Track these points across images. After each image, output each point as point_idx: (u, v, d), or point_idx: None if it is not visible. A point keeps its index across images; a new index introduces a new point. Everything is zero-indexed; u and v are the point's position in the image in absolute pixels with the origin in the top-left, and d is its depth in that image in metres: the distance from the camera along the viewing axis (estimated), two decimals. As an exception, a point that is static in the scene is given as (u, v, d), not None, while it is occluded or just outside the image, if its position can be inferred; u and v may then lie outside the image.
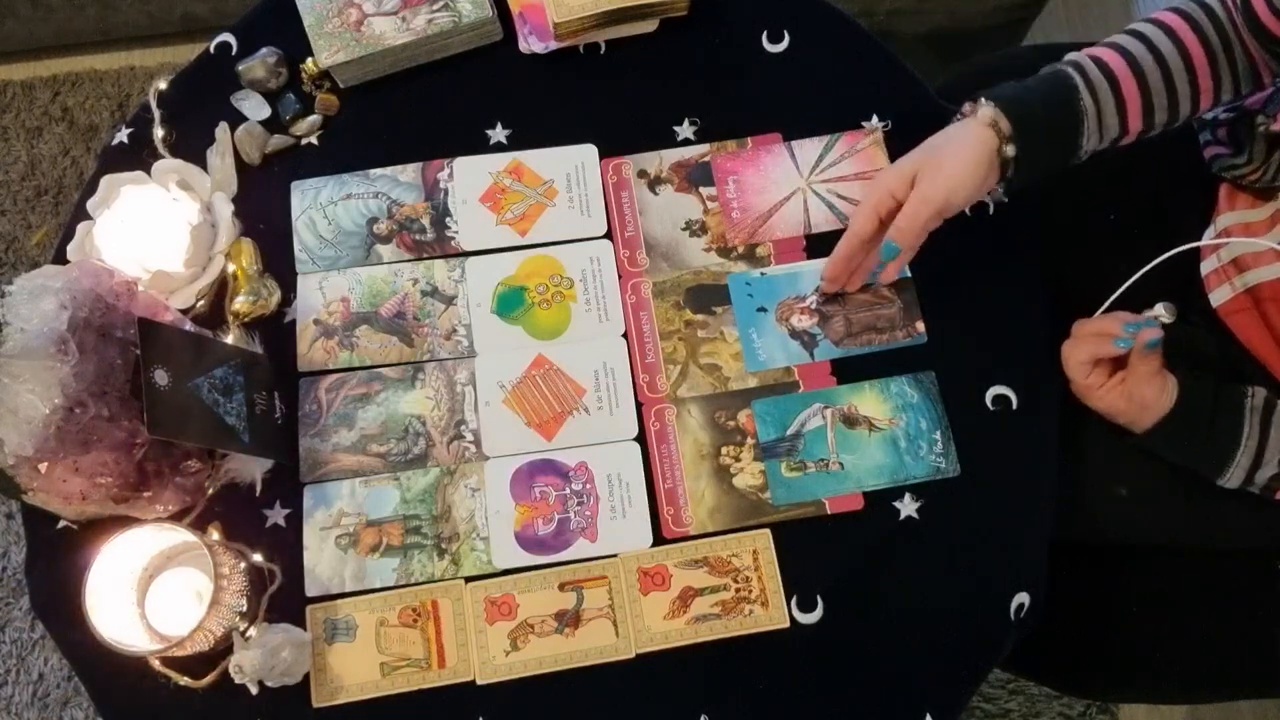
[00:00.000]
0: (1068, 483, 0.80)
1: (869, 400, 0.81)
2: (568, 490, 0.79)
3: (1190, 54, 0.77)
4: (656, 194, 0.88)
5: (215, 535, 0.77)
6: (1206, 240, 0.84)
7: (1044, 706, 1.34)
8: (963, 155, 0.75)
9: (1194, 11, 0.78)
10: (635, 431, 0.81)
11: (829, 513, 0.78)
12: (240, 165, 0.89)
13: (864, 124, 0.90)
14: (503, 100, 0.91)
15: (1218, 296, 0.84)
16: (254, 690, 0.73)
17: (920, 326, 0.83)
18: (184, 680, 0.73)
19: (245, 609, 0.73)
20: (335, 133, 0.91)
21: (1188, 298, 0.85)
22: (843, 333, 0.83)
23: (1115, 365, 0.78)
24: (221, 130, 0.89)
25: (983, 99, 0.76)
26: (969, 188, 0.75)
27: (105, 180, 0.86)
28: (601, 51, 0.93)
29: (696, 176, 0.88)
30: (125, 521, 0.74)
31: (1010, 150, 0.75)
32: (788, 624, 0.76)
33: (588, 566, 0.77)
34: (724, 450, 0.80)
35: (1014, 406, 0.81)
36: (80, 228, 0.85)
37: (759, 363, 0.82)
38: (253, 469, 0.78)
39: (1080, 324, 0.80)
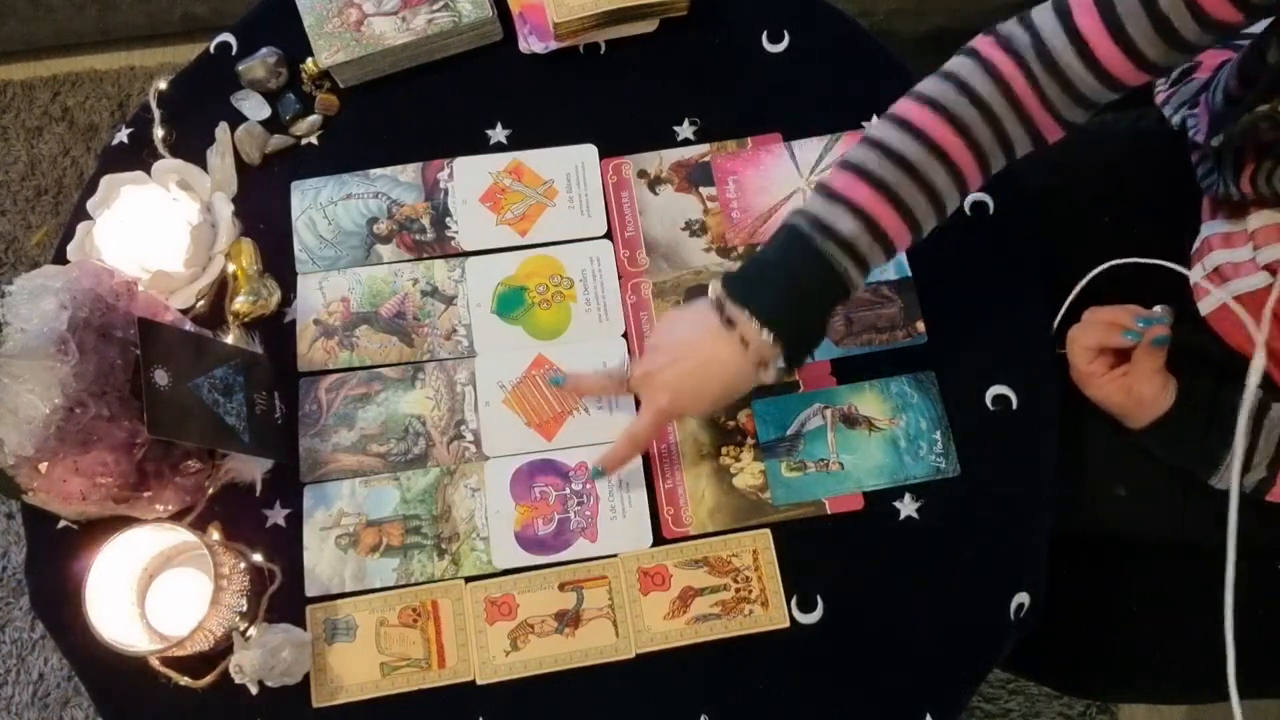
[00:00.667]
0: (1068, 482, 0.80)
1: (869, 400, 0.81)
2: (568, 490, 0.79)
3: (964, 174, 0.69)
4: (656, 194, 0.88)
5: (215, 535, 0.77)
6: (1194, 248, 0.84)
7: (1044, 706, 1.34)
8: (723, 394, 0.72)
9: (961, 111, 0.68)
10: (635, 431, 0.81)
11: (829, 513, 0.78)
12: (240, 165, 0.89)
13: (864, 124, 0.90)
14: (503, 100, 0.91)
15: (1205, 305, 0.84)
16: (254, 690, 0.73)
17: (920, 326, 0.83)
18: (184, 680, 0.73)
19: (245, 609, 0.73)
20: (335, 133, 0.91)
21: (1182, 303, 0.85)
22: (843, 332, 0.83)
23: (1118, 358, 0.78)
24: (221, 130, 0.89)
25: (753, 329, 0.68)
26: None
27: (105, 180, 0.86)
28: (601, 51, 0.93)
29: (696, 176, 0.88)
30: (125, 521, 0.74)
31: (768, 377, 0.71)
32: (788, 624, 0.76)
33: (588, 566, 0.77)
34: (724, 450, 0.80)
35: (1014, 406, 0.81)
36: (80, 228, 0.85)
37: (759, 363, 0.82)
38: (253, 469, 0.78)
39: (1092, 310, 0.79)
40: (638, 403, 0.81)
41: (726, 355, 0.70)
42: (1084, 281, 0.76)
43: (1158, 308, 0.75)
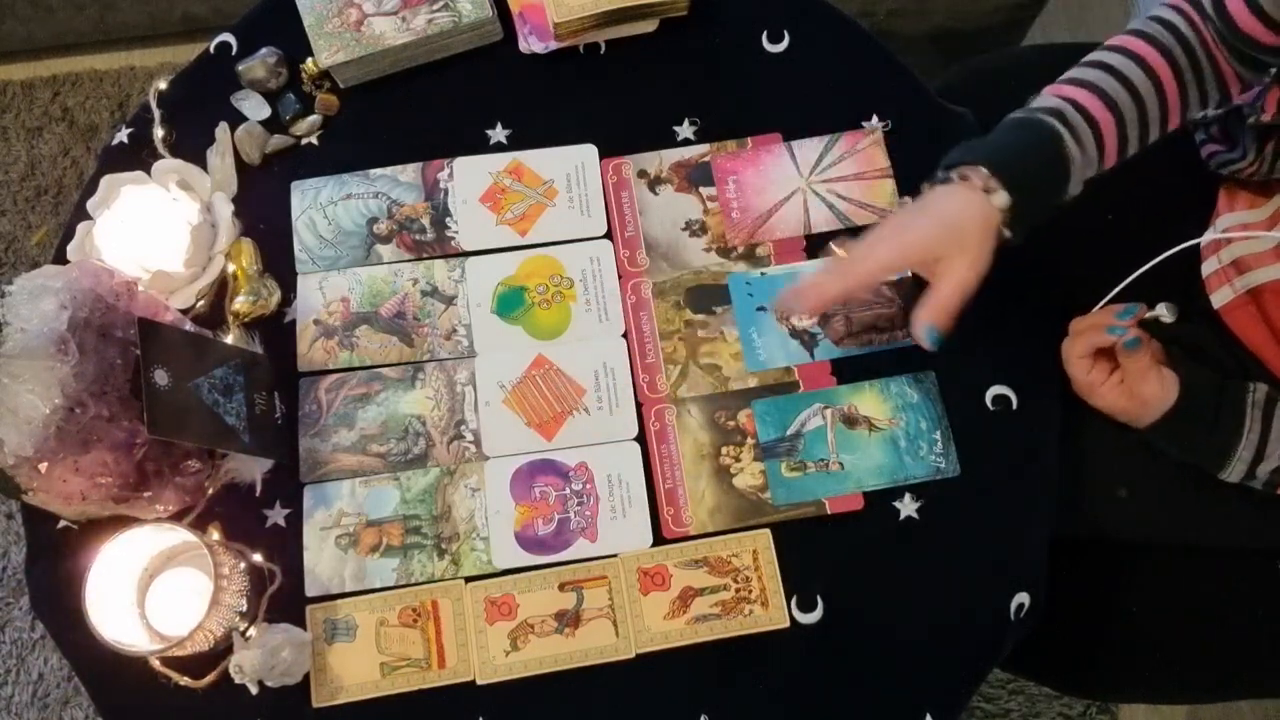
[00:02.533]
0: (1068, 483, 0.80)
1: (869, 400, 0.81)
2: (568, 490, 0.79)
3: (1161, 80, 0.76)
4: (656, 194, 0.88)
5: (215, 535, 0.77)
6: (1215, 236, 0.84)
7: (1044, 706, 1.34)
8: (979, 227, 0.72)
9: (1161, 35, 0.76)
10: (635, 431, 0.81)
11: (829, 513, 0.78)
12: (240, 165, 0.89)
13: (864, 124, 0.90)
14: (503, 100, 0.91)
15: (1219, 298, 0.84)
16: (254, 690, 0.73)
17: (920, 326, 0.83)
18: (184, 680, 0.73)
19: (245, 609, 0.73)
20: (335, 133, 0.91)
21: (1189, 298, 0.85)
22: (843, 332, 0.83)
23: (1116, 364, 0.78)
24: (221, 130, 0.89)
25: (977, 168, 0.72)
26: (985, 265, 0.74)
27: (105, 180, 0.86)
28: (601, 51, 0.93)
29: (696, 176, 0.88)
30: (125, 521, 0.74)
31: (999, 200, 0.72)
32: (788, 624, 0.76)
33: (588, 566, 0.77)
34: (724, 450, 0.80)
35: (1014, 406, 0.81)
36: (80, 228, 0.85)
37: (759, 362, 0.83)
38: (253, 469, 0.78)
39: (1076, 320, 0.80)
40: (638, 406, 0.81)
41: (954, 192, 0.72)
42: (1139, 272, 0.76)
43: (1161, 305, 0.75)
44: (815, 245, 0.86)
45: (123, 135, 0.91)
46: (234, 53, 0.93)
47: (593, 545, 0.78)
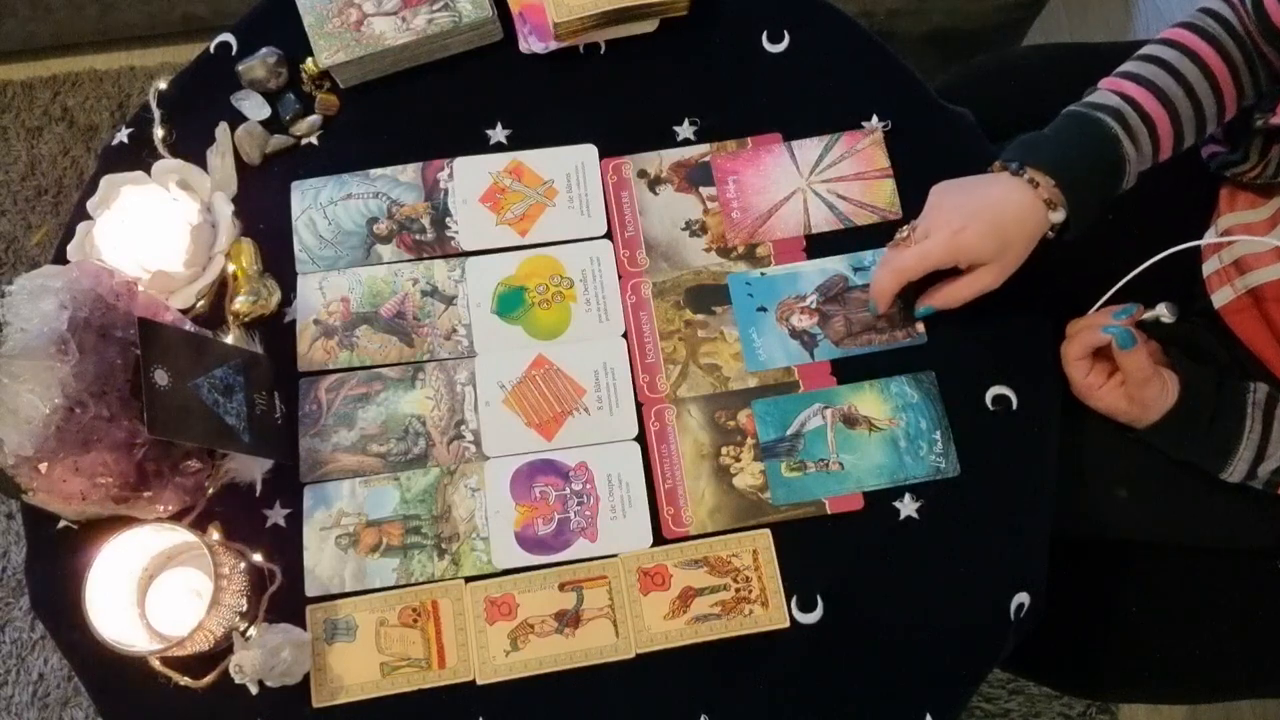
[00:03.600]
0: (1068, 483, 0.80)
1: (869, 400, 0.81)
2: (568, 490, 0.79)
3: (1216, 77, 0.77)
4: (656, 194, 0.88)
5: (215, 535, 0.77)
6: (1213, 239, 0.84)
7: (1044, 706, 1.34)
8: (1026, 240, 0.75)
9: (1211, 28, 0.78)
10: (635, 431, 0.81)
11: (829, 513, 0.78)
12: (240, 165, 0.89)
13: (864, 124, 0.90)
14: (503, 100, 0.91)
15: (1219, 298, 0.84)
16: (254, 690, 0.73)
17: (920, 326, 0.83)
18: (184, 680, 0.73)
19: (245, 609, 0.73)
20: (335, 133, 0.91)
21: (1189, 299, 0.85)
22: (843, 333, 0.83)
23: (1115, 365, 0.78)
24: (221, 130, 0.89)
25: (1047, 177, 0.74)
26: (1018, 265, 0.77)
27: (105, 180, 0.86)
28: (601, 51, 0.93)
29: (696, 176, 0.88)
30: (125, 521, 0.74)
31: (1057, 217, 0.75)
32: (788, 624, 0.76)
33: (588, 566, 0.77)
34: (724, 450, 0.80)
35: (1014, 406, 0.81)
36: (80, 228, 0.85)
37: (759, 363, 0.83)
38: (253, 469, 0.78)
39: (1073, 322, 0.80)
40: (638, 406, 0.81)
41: (1019, 194, 0.74)
42: (1136, 271, 0.77)
43: (1161, 305, 0.75)
44: (815, 245, 0.86)
45: (123, 135, 0.91)
46: (234, 53, 0.93)
47: (593, 545, 0.78)
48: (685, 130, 0.90)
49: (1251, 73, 0.78)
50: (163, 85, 0.91)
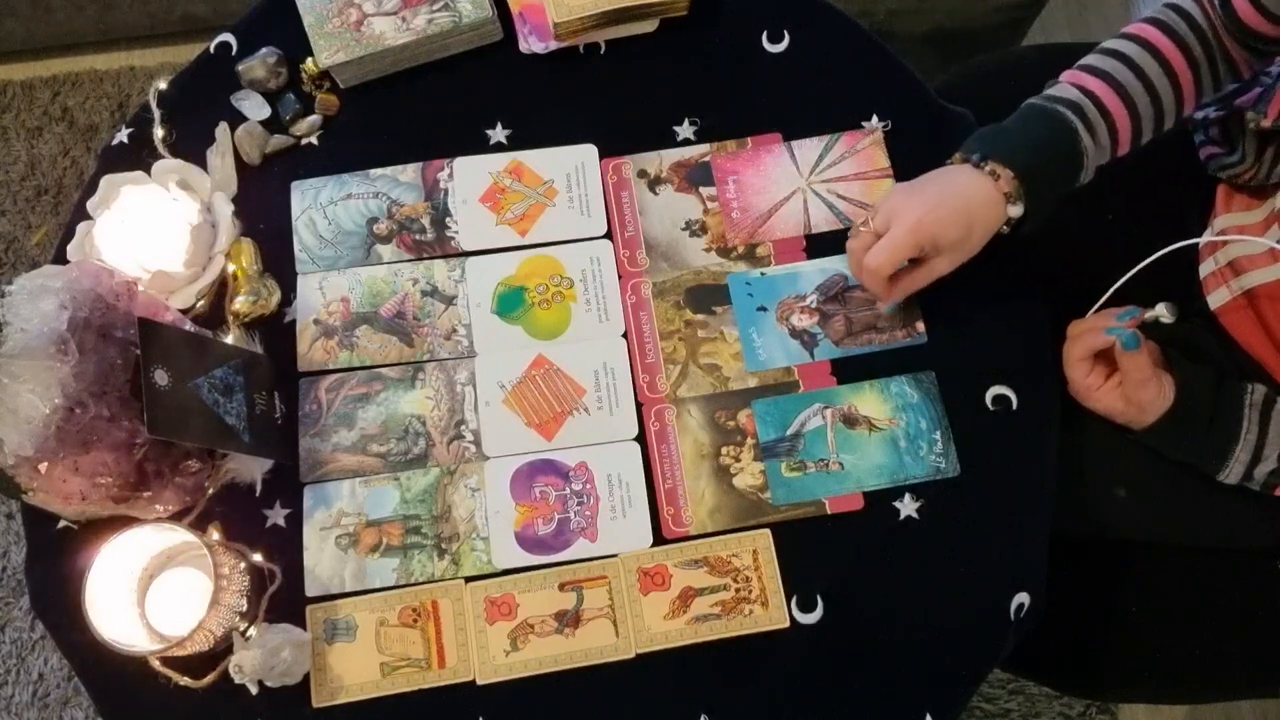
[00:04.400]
0: (1068, 483, 0.80)
1: (869, 400, 0.81)
2: (568, 490, 0.79)
3: (1176, 73, 0.77)
4: (656, 194, 0.88)
5: (215, 535, 0.77)
6: (1206, 239, 0.85)
7: (1044, 706, 1.34)
8: (984, 231, 0.75)
9: (1174, 23, 0.78)
10: (635, 431, 0.81)
11: (829, 513, 0.78)
12: (240, 165, 0.89)
13: (864, 124, 0.90)
14: (503, 100, 0.91)
15: (1215, 299, 0.84)
16: (254, 690, 0.73)
17: (920, 326, 0.83)
18: (184, 680, 0.73)
19: (245, 609, 0.73)
20: (335, 133, 0.91)
21: (1187, 299, 0.85)
22: (843, 332, 0.83)
23: (1113, 367, 0.78)
24: (221, 130, 0.89)
25: (1008, 170, 0.74)
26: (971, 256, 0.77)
27: (105, 180, 0.86)
28: (601, 51, 0.93)
29: (696, 176, 0.88)
30: (125, 521, 0.74)
31: (1015, 211, 0.75)
32: (788, 624, 0.76)
33: (588, 566, 0.77)
34: (724, 450, 0.80)
35: (1014, 406, 0.81)
36: (80, 228, 0.85)
37: (759, 362, 0.83)
38: (253, 469, 0.78)
39: (1075, 324, 0.80)
40: (638, 406, 0.81)
41: (982, 186, 0.75)
42: (1133, 272, 0.77)
43: (1160, 305, 0.75)
44: (815, 245, 0.86)
45: (123, 135, 0.91)
46: (234, 53, 0.93)
47: (593, 545, 0.78)
48: (685, 130, 0.90)
49: (1213, 71, 0.78)
50: (163, 85, 0.91)
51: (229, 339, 0.82)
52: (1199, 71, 0.78)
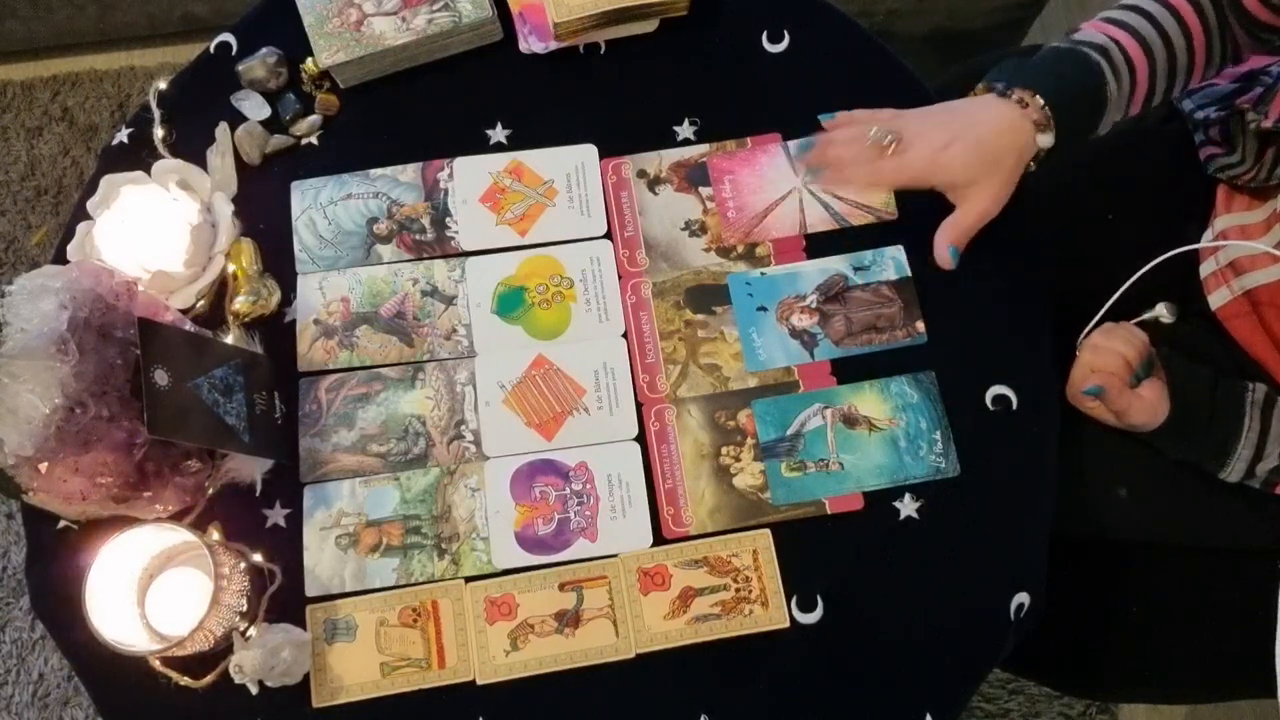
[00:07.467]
0: (1068, 483, 0.81)
1: (869, 400, 0.81)
2: (568, 490, 0.79)
3: (1193, 36, 0.77)
4: (656, 194, 0.88)
5: (215, 535, 0.77)
6: (1204, 244, 0.85)
7: (1044, 706, 1.34)
8: (1015, 160, 0.74)
9: None
10: (635, 431, 0.81)
11: (829, 513, 0.78)
12: (240, 165, 0.89)
13: (864, 124, 0.90)
14: (503, 100, 0.91)
15: (1216, 299, 0.84)
16: (254, 690, 0.73)
17: (920, 326, 0.83)
18: (184, 680, 0.73)
19: (245, 609, 0.73)
20: (335, 133, 0.91)
21: (1187, 299, 0.85)
22: (843, 332, 0.83)
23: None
24: (221, 130, 0.89)
25: (1036, 97, 0.73)
26: (1008, 197, 0.76)
27: (105, 180, 0.86)
28: (601, 51, 0.93)
29: (696, 176, 0.88)
30: (125, 521, 0.74)
31: (1045, 140, 0.74)
32: (788, 624, 0.76)
33: (588, 566, 0.77)
34: (724, 450, 0.80)
35: (1014, 406, 0.81)
36: (80, 228, 0.85)
37: (759, 362, 0.83)
38: (253, 469, 0.78)
39: (1108, 335, 0.80)
40: (638, 406, 0.81)
41: (1007, 113, 0.73)
42: (1135, 278, 0.77)
43: (1159, 305, 0.75)
44: (815, 245, 0.86)
45: (123, 135, 0.91)
46: (234, 53, 0.93)
47: (593, 545, 0.78)
48: (685, 130, 0.90)
49: (1222, 43, 0.78)
50: (163, 85, 0.91)
51: (229, 339, 0.82)
52: (1211, 39, 0.77)
